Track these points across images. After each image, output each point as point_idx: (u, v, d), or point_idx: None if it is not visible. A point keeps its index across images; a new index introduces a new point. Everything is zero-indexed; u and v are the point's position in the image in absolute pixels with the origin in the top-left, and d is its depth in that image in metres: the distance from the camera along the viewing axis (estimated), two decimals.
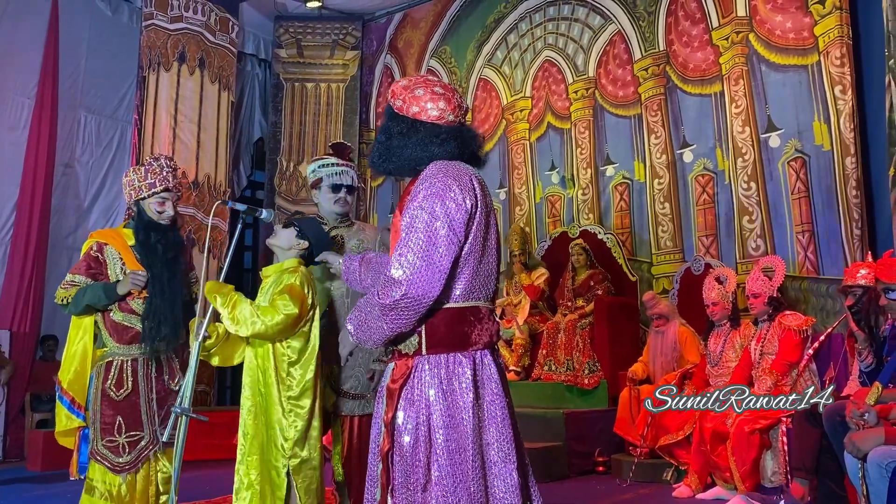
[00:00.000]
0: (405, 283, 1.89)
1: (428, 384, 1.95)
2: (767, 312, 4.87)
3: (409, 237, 1.92)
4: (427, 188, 1.95)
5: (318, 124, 8.90)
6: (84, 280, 3.27)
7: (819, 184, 5.89)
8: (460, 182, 1.97)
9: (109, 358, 3.25)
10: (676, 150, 6.76)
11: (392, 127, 2.09)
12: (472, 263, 1.99)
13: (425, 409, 1.94)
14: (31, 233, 7.03)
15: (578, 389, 6.06)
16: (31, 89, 7.24)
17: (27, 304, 6.96)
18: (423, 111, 2.05)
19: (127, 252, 3.30)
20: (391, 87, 2.15)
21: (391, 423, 1.97)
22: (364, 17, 9.13)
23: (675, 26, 6.88)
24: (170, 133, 7.76)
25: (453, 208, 1.93)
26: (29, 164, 7.11)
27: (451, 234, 1.92)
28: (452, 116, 2.07)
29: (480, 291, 2.02)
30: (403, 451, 1.94)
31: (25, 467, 6.22)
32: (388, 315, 1.92)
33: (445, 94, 2.07)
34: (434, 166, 2.01)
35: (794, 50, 6.10)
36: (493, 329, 2.04)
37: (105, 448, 3.18)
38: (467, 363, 1.97)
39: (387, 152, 2.09)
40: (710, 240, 6.49)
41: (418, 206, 1.94)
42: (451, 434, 1.91)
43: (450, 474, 1.89)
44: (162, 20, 7.82)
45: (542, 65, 7.79)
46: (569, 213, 7.41)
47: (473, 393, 1.94)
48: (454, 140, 2.05)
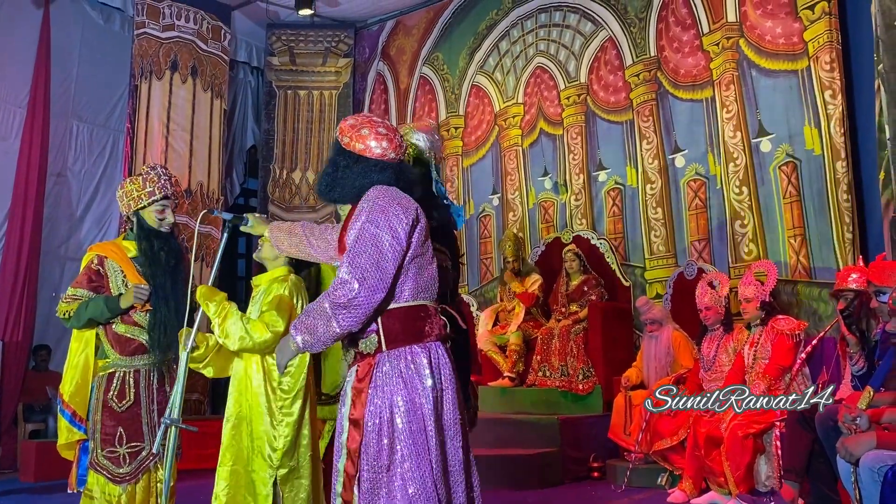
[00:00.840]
0: (358, 284, 2.11)
1: (390, 374, 2.17)
2: (760, 317, 4.88)
3: (358, 246, 2.16)
4: (371, 205, 2.20)
5: (311, 132, 8.90)
6: (86, 293, 3.27)
7: (810, 188, 5.92)
8: (399, 200, 2.22)
9: (112, 369, 3.25)
10: (668, 156, 6.79)
11: (339, 160, 2.33)
12: (415, 269, 2.23)
13: (389, 397, 2.14)
14: (24, 242, 7.00)
15: (573, 395, 6.06)
16: (23, 98, 7.22)
17: (20, 313, 6.92)
18: (367, 149, 2.29)
19: (127, 265, 3.31)
20: (339, 124, 2.39)
21: (361, 420, 2.17)
22: (356, 25, 9.14)
23: (666, 32, 6.91)
24: (162, 141, 7.75)
25: (395, 221, 2.17)
26: (21, 174, 7.08)
27: (395, 243, 2.16)
28: (393, 154, 2.32)
29: (426, 292, 2.27)
30: (370, 442, 2.14)
31: (18, 478, 6.19)
32: (339, 314, 2.11)
33: (388, 135, 2.32)
34: (375, 189, 2.25)
35: (784, 55, 6.13)
36: (440, 324, 2.28)
37: (105, 458, 3.18)
38: (423, 353, 2.20)
39: (333, 182, 2.33)
40: (702, 244, 6.50)
41: (365, 220, 2.18)
42: (412, 417, 2.12)
43: (413, 454, 2.09)
44: (154, 29, 7.81)
45: (534, 71, 7.81)
46: (562, 219, 7.43)
47: (431, 380, 2.17)
48: (392, 170, 2.30)
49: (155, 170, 3.37)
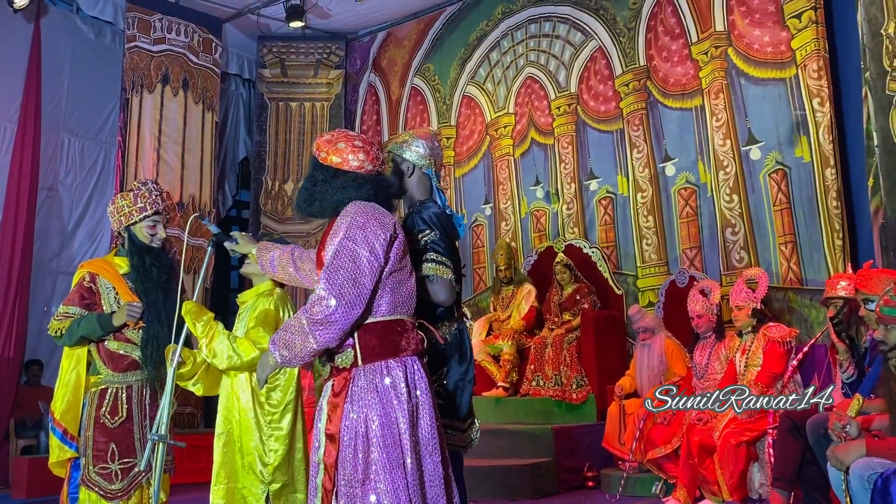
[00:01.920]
0: (336, 300, 2.10)
1: (366, 389, 2.16)
2: (752, 324, 4.89)
3: (336, 262, 2.15)
4: (349, 221, 2.19)
5: (302, 143, 8.91)
6: (78, 311, 3.27)
7: (800, 195, 5.95)
8: (377, 216, 2.22)
9: (104, 385, 3.25)
10: (659, 164, 6.82)
11: (317, 175, 2.33)
12: (392, 284, 2.23)
13: (364, 412, 2.14)
14: (15, 256, 6.98)
15: (567, 404, 6.06)
16: (14, 112, 7.21)
17: (11, 328, 6.89)
18: (344, 162, 2.30)
19: (119, 282, 3.30)
20: (316, 140, 2.40)
21: (337, 434, 2.16)
22: (347, 37, 9.17)
23: (655, 41, 6.95)
24: (154, 154, 7.75)
25: (372, 237, 2.17)
26: (12, 188, 7.07)
27: (372, 258, 2.15)
28: (371, 166, 2.33)
29: (403, 307, 2.27)
30: (346, 457, 2.14)
31: (10, 495, 6.15)
32: (317, 330, 2.11)
33: (364, 147, 2.32)
34: (353, 205, 2.24)
35: (773, 63, 6.17)
36: (417, 338, 2.28)
37: (98, 475, 3.18)
38: (399, 367, 2.19)
39: (311, 197, 2.33)
40: (694, 252, 6.53)
41: (343, 236, 2.17)
42: (387, 432, 2.12)
43: (387, 469, 2.08)
44: (145, 42, 7.83)
45: (525, 81, 7.85)
46: (554, 228, 7.45)
47: (407, 394, 2.16)
48: (370, 185, 2.30)
49: (146, 185, 3.37)
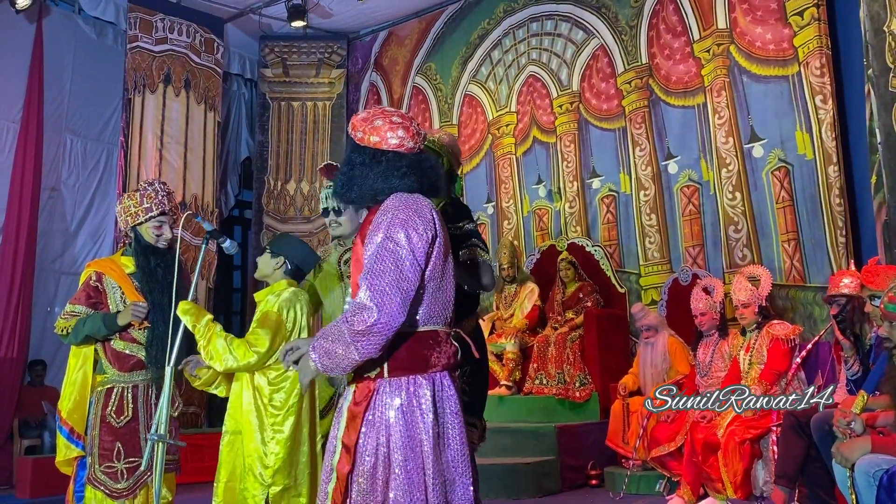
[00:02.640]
0: (377, 310, 1.94)
1: (388, 406, 2.01)
2: (757, 321, 4.89)
3: (377, 266, 1.98)
4: (390, 219, 2.02)
5: (305, 143, 8.91)
6: (84, 310, 3.29)
7: (803, 193, 5.94)
8: (420, 213, 2.05)
9: (110, 385, 3.27)
10: (661, 162, 6.81)
11: (354, 158, 2.15)
12: (431, 290, 2.06)
13: (385, 431, 2.00)
14: (18, 257, 6.99)
15: (570, 403, 6.06)
16: (16, 113, 7.22)
17: (14, 328, 6.90)
18: (383, 140, 2.11)
19: (125, 281, 3.32)
20: (351, 120, 2.21)
21: (354, 445, 2.03)
22: (349, 36, 9.16)
23: (657, 39, 6.94)
24: (156, 154, 7.76)
25: (415, 237, 2.00)
26: (15, 188, 7.08)
27: (414, 262, 1.99)
28: (412, 143, 2.14)
29: (439, 317, 2.09)
30: (364, 472, 2.00)
31: (14, 495, 6.16)
32: (359, 341, 1.95)
33: (403, 123, 2.14)
34: (395, 198, 2.07)
35: (775, 61, 6.17)
36: (450, 352, 2.11)
37: (103, 474, 3.20)
38: (427, 385, 2.03)
39: (349, 182, 2.15)
40: (696, 250, 6.52)
41: (384, 236, 2.01)
42: (409, 454, 1.98)
43: (406, 492, 1.95)
44: (147, 42, 7.83)
45: (527, 80, 7.84)
46: (556, 226, 7.44)
47: (433, 414, 2.01)
48: (414, 174, 2.12)
49: (152, 185, 3.37)
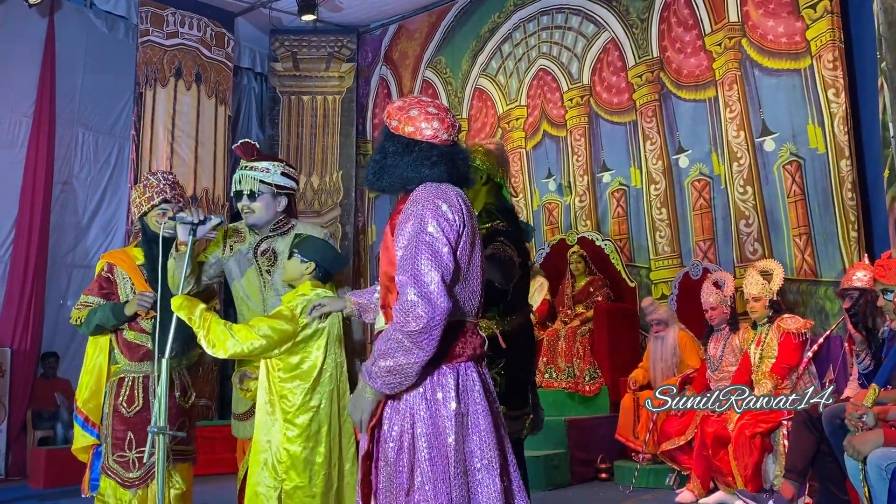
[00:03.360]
0: (428, 304, 1.92)
1: (413, 395, 2.01)
2: (767, 316, 4.88)
3: (417, 260, 1.97)
4: (420, 209, 2.02)
5: (315, 137, 8.93)
6: (96, 300, 3.35)
7: (815, 187, 5.91)
8: (449, 202, 2.04)
9: (122, 375, 3.31)
10: (672, 156, 6.79)
11: (388, 146, 2.14)
12: (458, 280, 2.04)
13: (409, 419, 2.00)
14: (31, 250, 7.04)
15: (580, 396, 6.06)
16: (29, 107, 7.26)
17: (27, 321, 6.96)
18: (417, 130, 2.11)
19: (135, 272, 3.36)
20: (387, 108, 2.20)
21: (376, 431, 2.05)
22: (359, 30, 9.17)
23: (668, 33, 6.92)
24: (167, 148, 7.80)
25: (445, 226, 2.00)
26: (27, 182, 7.13)
27: (450, 249, 1.99)
28: (446, 135, 2.13)
29: (465, 307, 2.08)
30: (388, 458, 2.02)
31: (28, 485, 6.21)
32: (421, 341, 1.92)
33: (439, 115, 2.13)
34: (424, 188, 2.07)
35: (787, 54, 6.13)
36: (476, 342, 2.09)
37: (116, 463, 3.22)
38: (451, 374, 2.02)
39: (381, 171, 2.15)
40: (707, 244, 6.50)
41: (419, 228, 2.00)
42: (433, 442, 1.98)
43: (430, 480, 1.95)
44: (158, 36, 7.86)
45: (537, 73, 7.83)
46: (566, 221, 7.44)
47: (456, 403, 2.00)
48: (445, 164, 2.11)
49: (155, 175, 3.41)
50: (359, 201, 8.98)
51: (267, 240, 3.11)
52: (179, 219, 2.87)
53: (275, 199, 3.08)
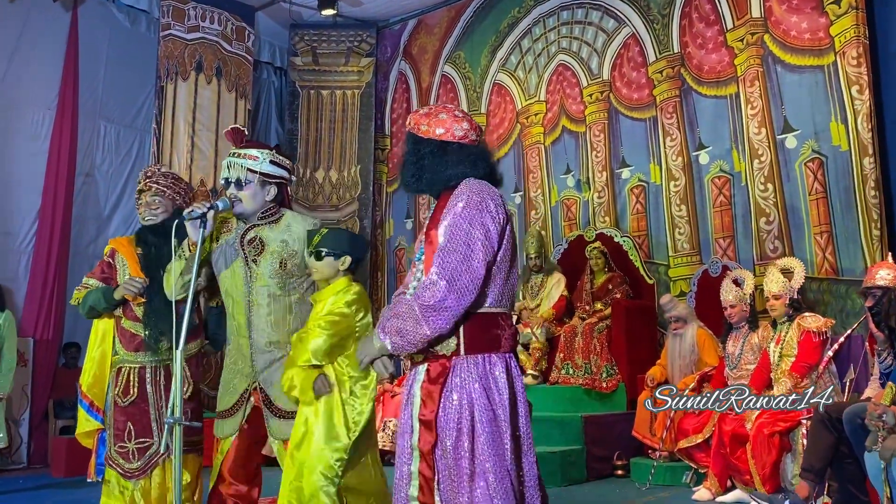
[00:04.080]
0: (447, 285, 2.02)
1: (470, 381, 2.09)
2: (787, 314, 4.84)
3: (449, 245, 2.07)
4: (465, 201, 2.11)
5: (333, 131, 8.96)
6: (95, 283, 3.42)
7: (837, 184, 5.85)
8: (493, 197, 2.15)
9: (119, 365, 3.33)
10: (692, 152, 6.75)
11: (421, 149, 2.25)
12: (503, 271, 2.15)
13: (468, 405, 2.07)
14: (53, 241, 7.12)
15: (597, 393, 6.05)
16: (52, 99, 7.34)
17: (50, 311, 7.04)
18: (448, 131, 2.22)
19: (133, 259, 3.39)
20: (410, 118, 2.31)
21: (434, 421, 2.09)
22: (378, 25, 9.18)
23: (690, 28, 6.87)
24: (188, 141, 7.85)
25: (489, 220, 2.09)
26: (50, 174, 7.21)
27: (487, 243, 2.07)
28: (474, 136, 2.26)
29: (508, 298, 2.19)
30: (446, 447, 2.06)
31: (50, 473, 6.30)
32: (430, 316, 2.03)
33: (466, 117, 2.27)
34: (468, 183, 2.17)
35: (810, 50, 6.07)
36: (515, 334, 2.22)
37: (116, 453, 3.25)
38: (501, 364, 2.13)
39: (419, 172, 2.25)
40: (727, 242, 6.46)
41: (458, 217, 2.09)
42: (493, 427, 2.06)
43: (495, 464, 2.02)
44: (179, 30, 7.91)
45: (556, 68, 7.80)
46: (584, 217, 7.41)
47: (508, 391, 2.10)
48: (483, 162, 2.24)
49: (144, 170, 3.50)
50: (376, 196, 9.00)
51: (254, 228, 3.03)
52: (187, 215, 2.82)
53: (263, 189, 3.00)
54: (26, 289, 7.04)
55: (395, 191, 8.93)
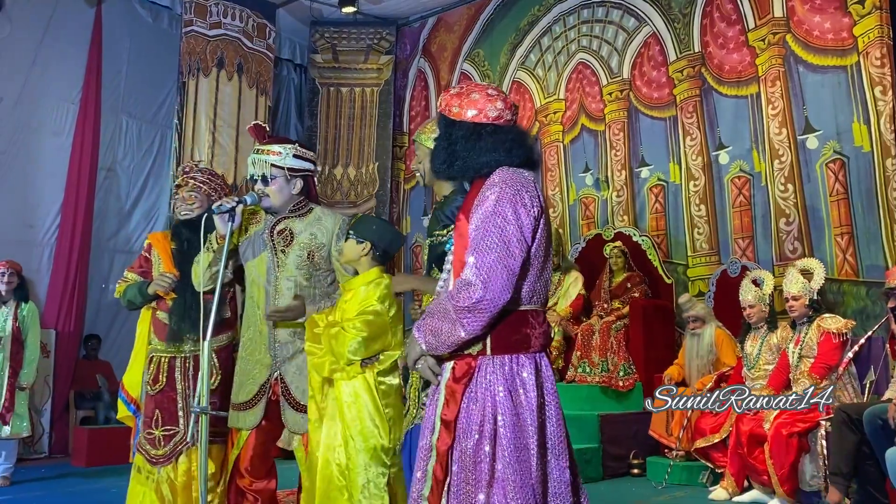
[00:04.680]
0: (483, 286, 1.91)
1: (495, 383, 1.97)
2: (808, 314, 4.82)
3: (484, 241, 1.94)
4: (498, 193, 1.98)
5: (352, 128, 9.00)
6: (134, 277, 3.53)
7: (858, 185, 5.82)
8: (528, 189, 2.01)
9: (152, 354, 3.42)
10: (712, 152, 6.72)
11: (453, 133, 2.10)
12: (536, 267, 2.02)
13: (491, 408, 1.96)
14: (75, 235, 7.19)
15: (613, 391, 6.05)
16: (76, 94, 7.42)
17: (71, 303, 7.12)
18: (481, 113, 2.07)
19: (166, 254, 3.46)
20: (441, 99, 2.17)
21: (454, 421, 1.99)
22: (398, 22, 9.21)
23: (711, 28, 6.84)
24: (209, 137, 7.91)
25: (523, 213, 1.96)
26: (73, 168, 7.28)
27: (521, 238, 1.95)
28: (509, 115, 2.10)
29: (540, 295, 2.05)
30: (465, 449, 1.96)
31: (70, 463, 6.39)
32: (464, 318, 1.93)
33: (500, 95, 2.11)
34: (502, 172, 2.03)
35: (833, 51, 6.03)
36: (548, 331, 2.09)
37: (144, 439, 3.31)
38: (530, 365, 2.00)
39: (450, 157, 2.10)
40: (746, 242, 6.44)
41: (491, 211, 1.96)
42: (518, 432, 1.94)
43: (517, 471, 1.91)
44: (201, 27, 7.98)
45: (576, 67, 7.80)
46: (603, 215, 7.41)
47: (536, 393, 1.98)
48: (520, 148, 2.08)
49: (181, 166, 3.56)
50: (394, 193, 9.04)
51: (284, 220, 3.09)
52: (217, 209, 2.88)
53: (288, 183, 3.05)
54: (49, 281, 7.12)
55: (412, 188, 8.95)
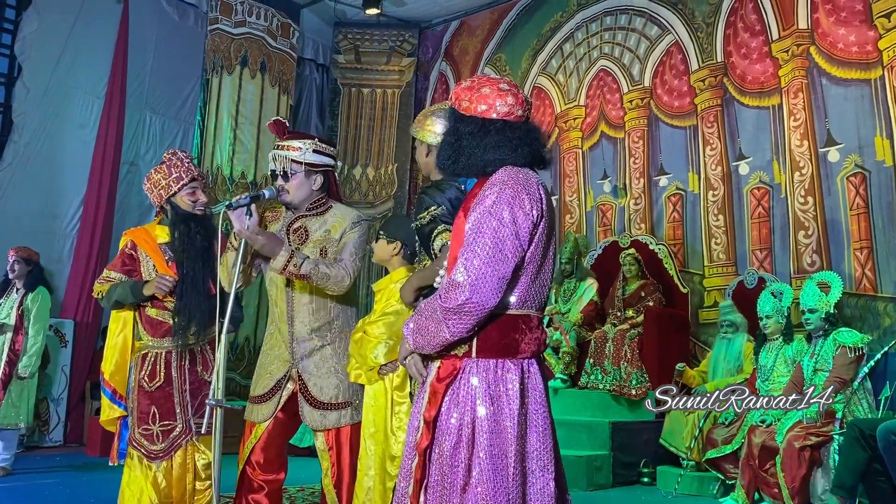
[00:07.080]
0: (469, 288, 1.86)
1: (476, 387, 1.93)
2: (823, 328, 4.79)
3: (475, 242, 1.89)
4: (497, 194, 1.92)
5: (372, 129, 9.05)
6: (118, 276, 3.37)
7: (880, 200, 5.78)
8: (529, 191, 1.95)
9: (144, 350, 3.35)
10: (732, 163, 6.70)
11: (461, 128, 2.03)
12: (530, 272, 1.96)
13: (471, 412, 1.92)
14: (97, 227, 7.28)
15: (625, 400, 6.04)
16: (101, 89, 7.52)
17: (90, 294, 7.19)
18: (491, 108, 2.00)
19: (156, 253, 3.37)
20: (452, 91, 2.10)
21: (433, 421, 1.96)
22: (421, 25, 9.25)
23: (734, 38, 6.82)
24: (230, 134, 7.99)
25: (521, 216, 1.91)
26: (97, 161, 7.37)
27: (516, 242, 1.90)
28: (520, 111, 2.03)
29: (534, 300, 2.00)
30: (443, 451, 1.93)
31: (85, 452, 6.46)
32: (449, 319, 1.89)
33: (511, 90, 2.04)
34: (504, 172, 1.98)
35: (857, 64, 6.00)
36: (541, 338, 2.02)
37: (140, 436, 3.28)
38: (515, 371, 1.95)
39: (456, 153, 2.04)
40: (764, 253, 6.40)
41: (487, 211, 1.91)
42: (495, 439, 1.89)
43: (490, 479, 1.87)
44: (226, 25, 8.06)
45: (597, 74, 7.80)
46: (620, 223, 7.39)
47: (520, 401, 1.92)
48: (527, 146, 2.02)
49: (177, 155, 3.41)
50: (412, 194, 9.06)
51: (301, 219, 3.07)
52: (235, 203, 2.81)
53: (308, 178, 3.02)
54: (69, 271, 7.22)
55: None
